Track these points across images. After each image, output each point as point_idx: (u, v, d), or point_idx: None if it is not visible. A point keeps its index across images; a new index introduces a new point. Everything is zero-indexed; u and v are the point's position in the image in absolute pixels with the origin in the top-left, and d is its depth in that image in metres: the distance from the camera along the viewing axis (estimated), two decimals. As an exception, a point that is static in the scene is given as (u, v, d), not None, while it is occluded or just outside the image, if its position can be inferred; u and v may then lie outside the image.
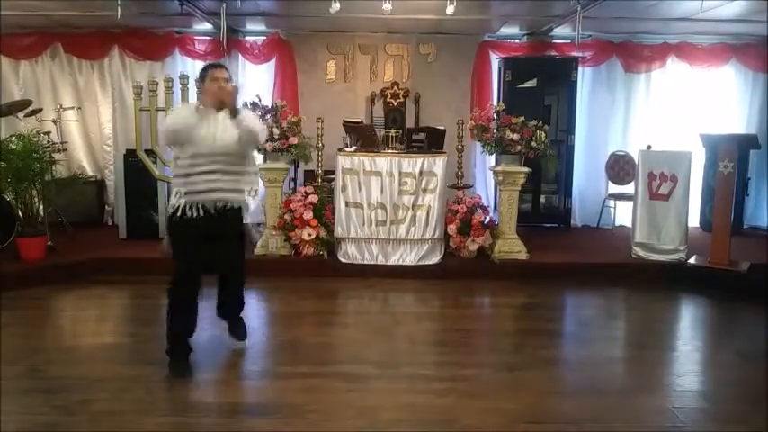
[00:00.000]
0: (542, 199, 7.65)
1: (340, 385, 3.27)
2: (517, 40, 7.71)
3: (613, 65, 7.62)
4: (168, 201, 3.44)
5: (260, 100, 5.93)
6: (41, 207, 5.61)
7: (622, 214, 7.40)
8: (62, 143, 6.65)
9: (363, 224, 5.63)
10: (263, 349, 3.95)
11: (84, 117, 7.41)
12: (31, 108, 6.46)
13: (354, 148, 5.80)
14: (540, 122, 5.67)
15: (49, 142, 6.12)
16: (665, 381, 3.56)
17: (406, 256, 5.66)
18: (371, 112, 7.53)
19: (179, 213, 3.31)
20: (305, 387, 3.24)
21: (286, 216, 5.65)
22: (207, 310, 4.92)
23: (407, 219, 5.62)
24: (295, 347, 3.90)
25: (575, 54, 7.28)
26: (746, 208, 7.50)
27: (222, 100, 3.29)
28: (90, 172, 7.40)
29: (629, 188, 6.98)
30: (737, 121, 7.67)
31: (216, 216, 3.35)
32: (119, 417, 2.91)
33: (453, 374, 3.47)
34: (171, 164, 3.57)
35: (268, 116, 5.74)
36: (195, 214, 3.30)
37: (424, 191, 5.63)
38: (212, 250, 3.45)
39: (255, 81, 7.44)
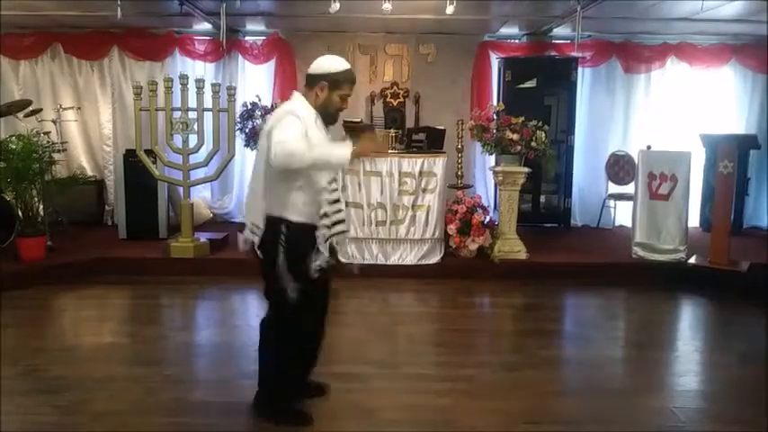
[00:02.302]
0: (542, 199, 7.64)
1: (340, 385, 3.26)
2: (517, 40, 7.71)
3: (613, 65, 7.62)
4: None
5: (260, 100, 5.94)
6: (41, 207, 5.61)
7: (622, 214, 7.40)
8: (62, 143, 6.65)
9: (363, 224, 5.62)
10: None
11: (84, 117, 7.41)
12: (30, 108, 6.46)
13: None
14: (540, 122, 5.67)
15: (48, 142, 6.12)
16: (666, 381, 3.57)
17: (406, 256, 5.66)
18: (371, 112, 7.53)
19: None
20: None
21: (286, 216, 5.64)
22: (205, 308, 4.94)
23: (407, 219, 5.61)
24: (295, 347, 3.89)
25: (574, 54, 7.27)
26: (746, 208, 7.50)
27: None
28: (90, 172, 7.40)
29: (629, 188, 6.99)
30: (737, 121, 7.67)
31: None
32: (119, 417, 2.91)
33: (453, 374, 3.47)
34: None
35: (268, 116, 5.74)
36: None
37: (424, 191, 5.63)
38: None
39: (255, 81, 7.45)
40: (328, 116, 2.72)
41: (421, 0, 6.07)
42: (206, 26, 6.98)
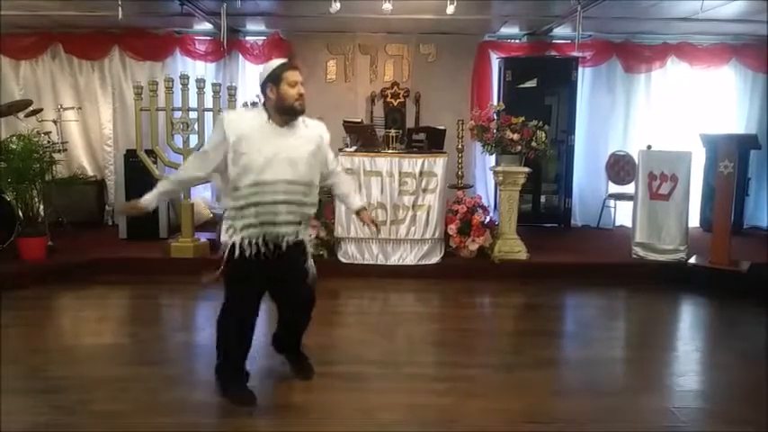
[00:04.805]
0: (542, 199, 7.65)
1: (340, 385, 3.27)
2: (517, 40, 7.72)
3: (613, 65, 7.62)
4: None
5: (260, 100, 5.92)
6: (42, 207, 5.61)
7: (622, 214, 7.40)
8: (62, 143, 6.65)
9: (363, 224, 5.61)
10: (263, 349, 3.94)
11: (85, 117, 7.41)
12: (31, 108, 6.46)
13: (354, 148, 5.80)
14: (541, 122, 5.66)
15: (49, 142, 6.13)
16: (666, 381, 3.56)
17: (407, 256, 5.65)
18: (372, 112, 7.54)
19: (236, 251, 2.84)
20: (305, 387, 3.25)
21: (286, 216, 5.64)
22: (205, 308, 4.94)
23: (407, 219, 5.61)
24: (295, 347, 3.89)
25: (575, 54, 7.28)
26: (746, 208, 7.50)
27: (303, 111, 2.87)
28: (90, 172, 7.41)
29: (629, 188, 6.99)
30: (737, 121, 7.67)
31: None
32: (119, 417, 2.91)
33: (453, 374, 3.47)
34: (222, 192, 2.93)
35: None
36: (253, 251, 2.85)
37: (424, 191, 5.63)
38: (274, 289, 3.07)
39: (256, 81, 7.41)
40: (290, 108, 2.82)
41: (421, 0, 6.07)
42: (206, 26, 6.98)
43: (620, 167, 7.46)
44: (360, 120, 6.65)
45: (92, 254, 5.73)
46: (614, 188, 7.49)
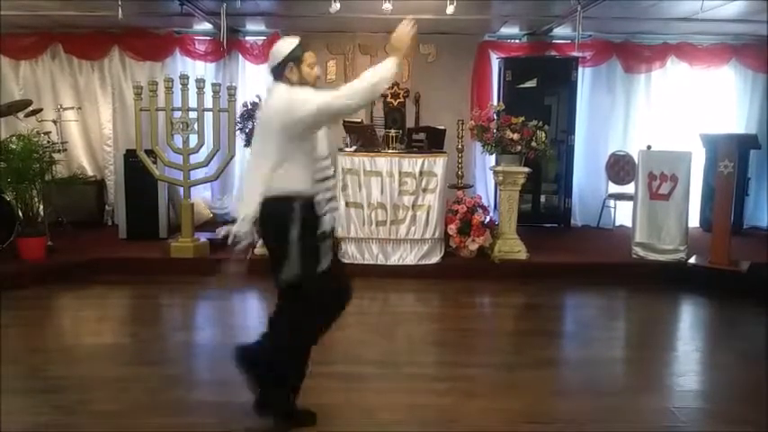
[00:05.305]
0: (542, 199, 7.65)
1: (340, 385, 3.27)
2: (517, 40, 7.72)
3: (613, 65, 7.62)
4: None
5: (260, 100, 5.92)
6: (41, 207, 5.61)
7: (622, 214, 7.40)
8: (62, 143, 6.64)
9: (363, 224, 5.62)
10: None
11: (85, 117, 7.41)
12: (31, 108, 6.46)
13: (354, 148, 5.80)
14: (540, 122, 5.66)
15: (49, 142, 6.12)
16: (666, 381, 3.56)
17: (407, 256, 5.65)
18: (371, 112, 7.52)
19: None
20: (305, 387, 3.22)
21: (286, 216, 5.64)
22: (205, 308, 4.95)
23: (407, 218, 5.61)
24: (295, 347, 3.88)
25: (575, 54, 7.28)
26: (746, 208, 7.50)
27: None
28: (90, 172, 7.40)
29: (629, 188, 6.99)
30: (737, 121, 7.67)
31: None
32: (119, 417, 2.91)
33: (453, 374, 3.47)
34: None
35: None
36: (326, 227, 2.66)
37: (424, 191, 5.63)
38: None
39: (256, 81, 7.44)
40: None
41: (421, 0, 6.07)
42: (206, 26, 6.98)
43: (620, 167, 7.46)
44: (360, 120, 6.63)
45: (92, 254, 5.73)
46: (614, 188, 7.49)
